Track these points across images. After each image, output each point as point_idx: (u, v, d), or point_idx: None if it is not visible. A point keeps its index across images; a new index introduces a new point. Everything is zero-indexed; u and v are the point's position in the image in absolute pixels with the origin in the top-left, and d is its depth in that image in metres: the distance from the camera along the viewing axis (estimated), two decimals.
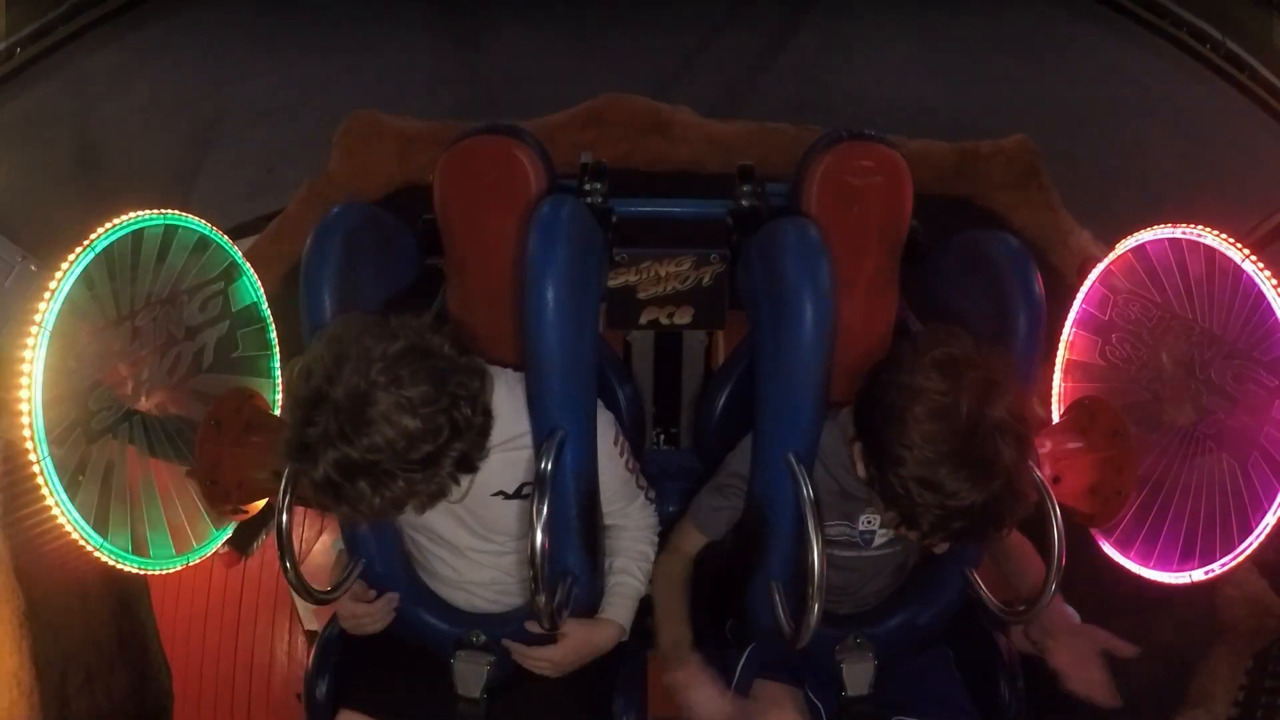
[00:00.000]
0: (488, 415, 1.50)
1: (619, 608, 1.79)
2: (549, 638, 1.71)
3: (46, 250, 1.73)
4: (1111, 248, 1.92)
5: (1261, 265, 1.62)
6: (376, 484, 1.37)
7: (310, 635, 2.91)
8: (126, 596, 2.12)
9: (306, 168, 2.56)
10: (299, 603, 2.90)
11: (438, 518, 1.70)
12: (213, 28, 3.17)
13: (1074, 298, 1.98)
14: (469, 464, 1.47)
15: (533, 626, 1.71)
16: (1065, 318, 2.00)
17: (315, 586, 1.68)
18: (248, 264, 1.96)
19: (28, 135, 2.64)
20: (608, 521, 1.81)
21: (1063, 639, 1.68)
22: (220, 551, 2.76)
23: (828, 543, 1.65)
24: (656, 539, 1.87)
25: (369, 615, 1.74)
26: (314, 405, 1.36)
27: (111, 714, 2.02)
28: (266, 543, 2.86)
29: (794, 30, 3.49)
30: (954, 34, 3.29)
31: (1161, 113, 2.96)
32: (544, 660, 1.74)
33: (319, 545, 2.89)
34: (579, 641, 1.74)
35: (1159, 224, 1.78)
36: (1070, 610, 1.72)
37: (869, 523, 1.71)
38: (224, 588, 2.94)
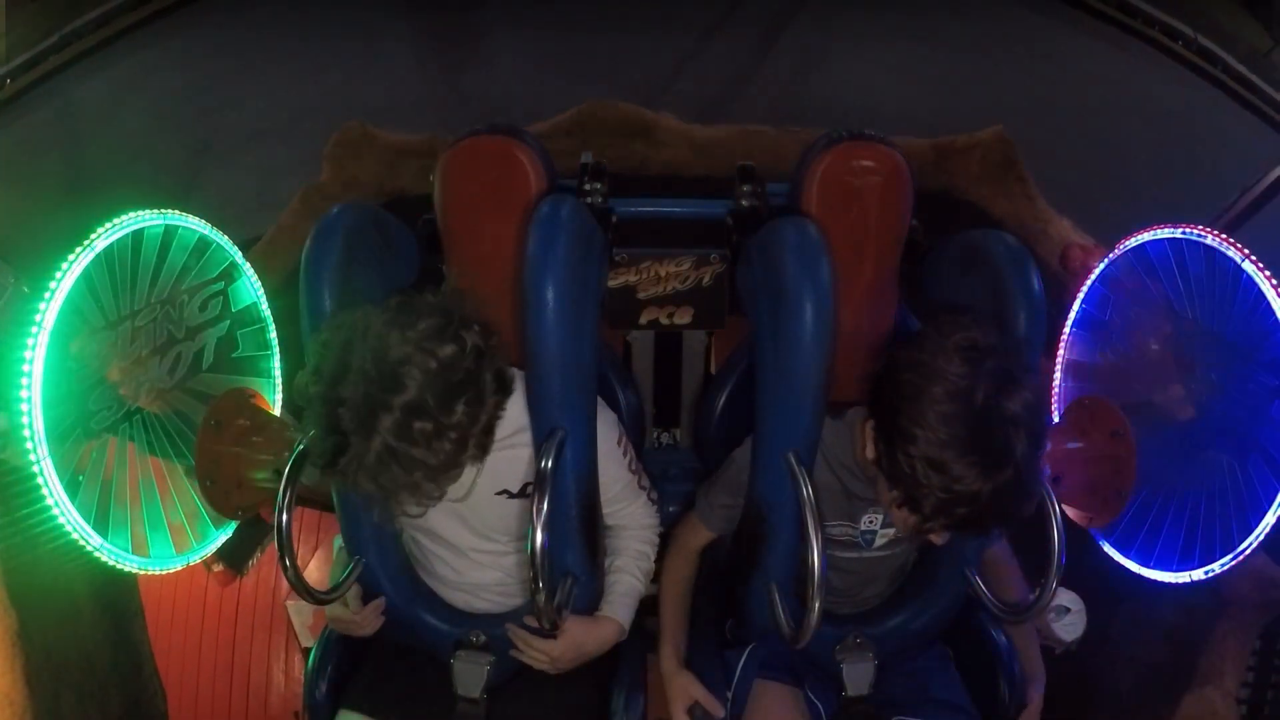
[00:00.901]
0: (497, 337, 1.50)
1: (619, 606, 1.79)
2: (548, 634, 1.71)
3: (39, 276, 1.75)
4: (1092, 238, 1.91)
5: (1261, 265, 1.62)
6: (436, 421, 1.37)
7: (307, 653, 2.91)
8: (121, 616, 2.11)
9: (298, 187, 2.58)
10: (295, 620, 2.89)
11: (440, 518, 1.70)
12: (200, 55, 3.21)
13: (1067, 289, 1.99)
14: (505, 381, 1.48)
15: (531, 622, 1.71)
16: (1065, 318, 2.00)
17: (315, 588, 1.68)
18: (247, 264, 1.96)
19: (20, 163, 2.66)
20: (609, 521, 1.81)
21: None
22: (215, 570, 2.76)
23: (828, 542, 1.65)
24: (658, 539, 1.87)
25: (354, 623, 1.75)
26: (336, 388, 1.36)
27: None
28: (261, 560, 2.85)
29: (775, 40, 3.54)
30: (931, 40, 3.35)
31: (1137, 109, 3.01)
32: (542, 654, 1.73)
33: (314, 562, 2.89)
34: (578, 638, 1.74)
35: (1139, 215, 1.79)
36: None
37: (870, 523, 1.71)
38: (219, 607, 2.93)
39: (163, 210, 1.73)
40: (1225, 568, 1.68)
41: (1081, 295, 2.00)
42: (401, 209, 2.45)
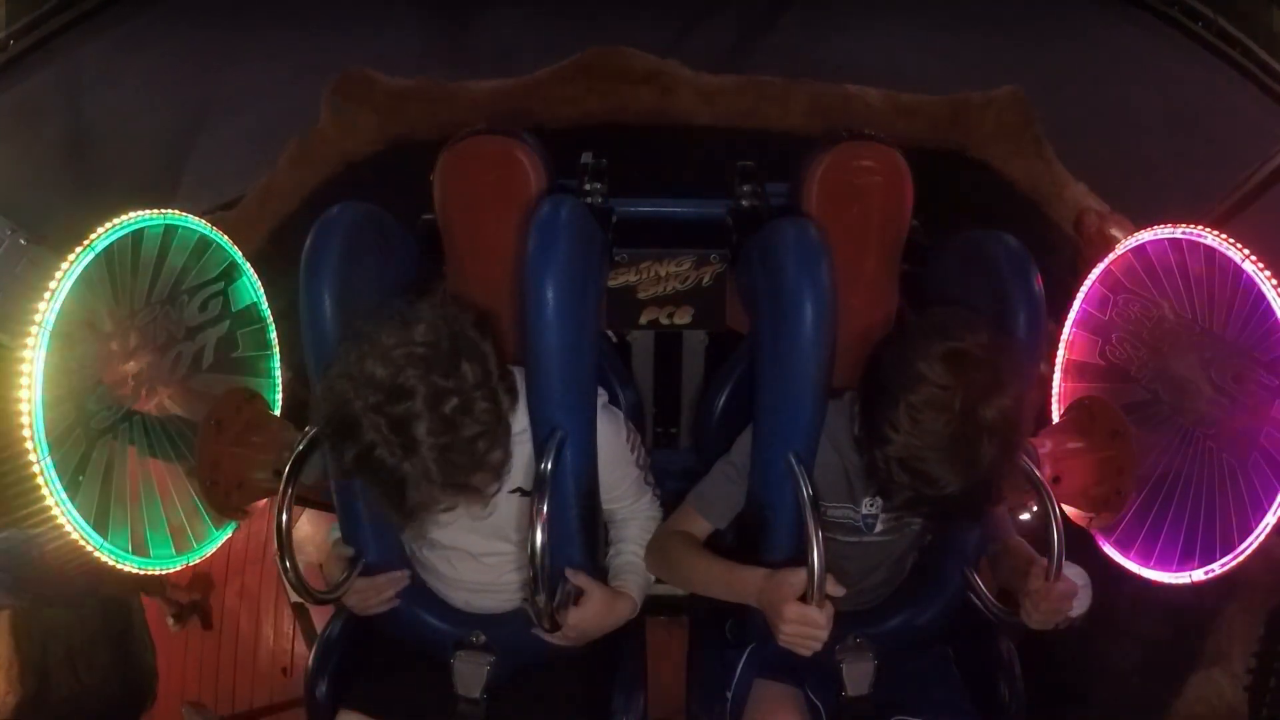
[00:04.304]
0: (490, 326, 1.52)
1: (631, 585, 1.75)
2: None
3: (41, 232, 1.75)
4: (1106, 203, 1.90)
5: (1261, 265, 1.62)
6: (461, 394, 1.39)
7: (296, 608, 2.88)
8: (110, 572, 2.09)
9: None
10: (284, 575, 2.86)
11: (453, 529, 1.70)
12: (201, 14, 3.21)
13: (1081, 255, 1.97)
14: (485, 327, 1.50)
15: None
16: (1065, 316, 2.00)
17: (316, 588, 1.68)
18: (247, 264, 1.96)
19: (22, 123, 2.67)
20: (616, 517, 1.81)
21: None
22: None
23: (830, 526, 1.65)
24: None
25: (375, 591, 1.73)
26: (356, 439, 1.38)
27: (94, 690, 2.00)
28: (253, 516, 2.83)
29: (787, 3, 3.50)
30: (945, 10, 3.31)
31: (1154, 88, 2.97)
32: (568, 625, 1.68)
33: (303, 518, 2.86)
34: (602, 604, 1.69)
35: (1155, 193, 1.78)
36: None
37: (871, 506, 1.71)
38: (208, 562, 2.92)
39: (163, 210, 1.73)
40: (1225, 568, 1.68)
41: (1081, 295, 2.00)
42: (401, 153, 2.42)
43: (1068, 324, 2.02)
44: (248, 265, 1.96)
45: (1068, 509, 1.83)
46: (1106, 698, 2.08)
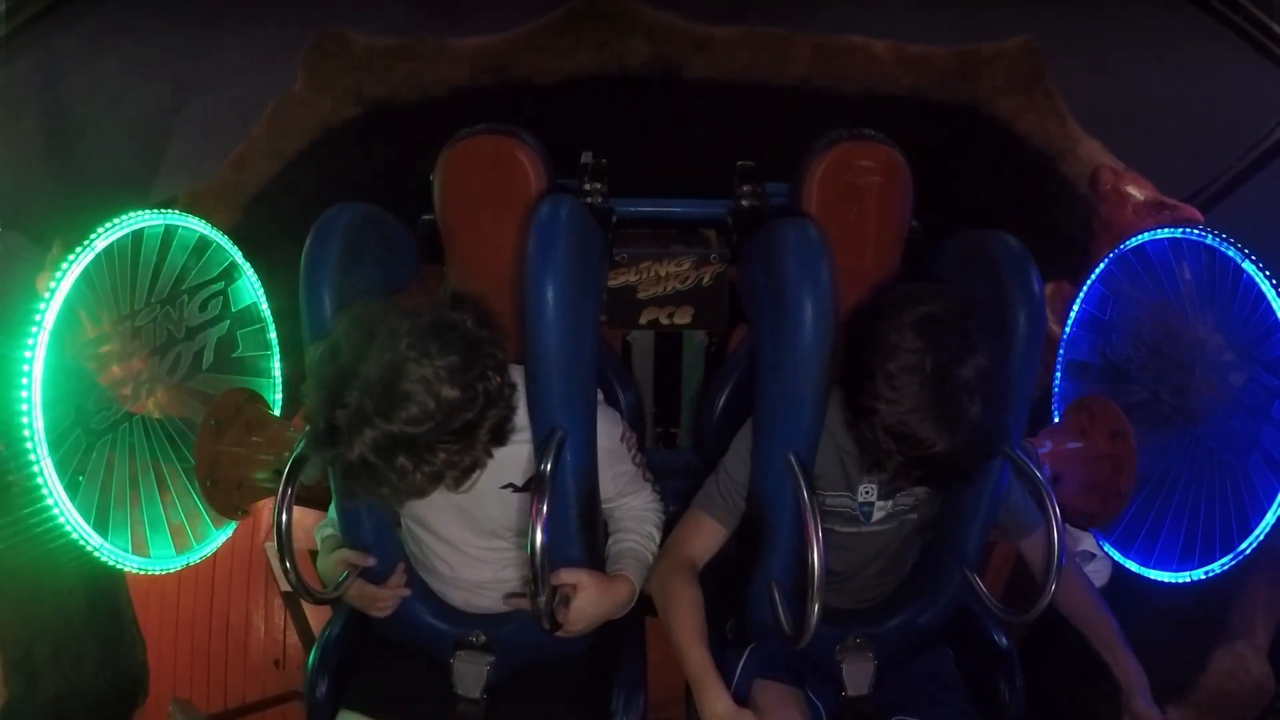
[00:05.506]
0: (514, 387, 1.52)
1: (630, 569, 1.73)
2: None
3: (21, 219, 1.73)
4: (1120, 161, 1.88)
5: (1261, 265, 1.63)
6: (417, 459, 1.37)
7: (286, 597, 2.85)
8: (97, 564, 2.07)
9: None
10: (273, 564, 2.78)
11: (441, 516, 1.70)
12: None
13: (1096, 213, 1.95)
14: (501, 433, 1.48)
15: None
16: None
17: (316, 589, 1.68)
18: (247, 264, 1.96)
19: (2, 110, 2.65)
20: (616, 514, 1.81)
21: None
22: None
23: (827, 516, 1.65)
24: (663, 521, 1.85)
25: (377, 596, 1.72)
26: (342, 384, 1.36)
27: (83, 688, 1.96)
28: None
29: None
30: None
31: (1154, 51, 2.95)
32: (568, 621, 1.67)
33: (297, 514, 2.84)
34: (595, 590, 1.66)
35: (1161, 162, 1.76)
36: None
37: (867, 494, 1.71)
38: None
39: (163, 210, 1.73)
40: (1225, 568, 1.68)
41: (1081, 295, 2.00)
42: (382, 118, 2.33)
43: (1068, 324, 2.02)
44: (247, 265, 1.96)
45: (1068, 509, 1.83)
46: None
